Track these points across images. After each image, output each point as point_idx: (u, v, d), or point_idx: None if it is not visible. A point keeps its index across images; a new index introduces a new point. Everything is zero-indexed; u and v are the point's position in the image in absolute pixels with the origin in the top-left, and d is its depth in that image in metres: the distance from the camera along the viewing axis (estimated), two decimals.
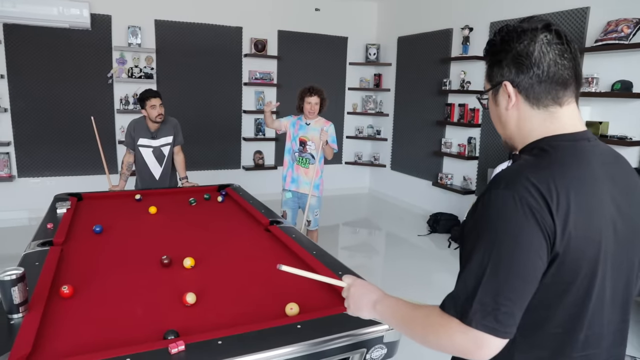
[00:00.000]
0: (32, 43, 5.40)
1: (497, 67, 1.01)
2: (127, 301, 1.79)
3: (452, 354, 0.92)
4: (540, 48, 0.95)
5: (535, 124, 0.99)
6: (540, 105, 0.98)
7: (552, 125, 0.98)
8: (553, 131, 0.97)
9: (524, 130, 1.01)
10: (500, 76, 1.01)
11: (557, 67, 0.95)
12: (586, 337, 0.95)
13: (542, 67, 0.95)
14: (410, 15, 6.62)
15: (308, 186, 4.06)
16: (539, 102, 0.98)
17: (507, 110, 1.02)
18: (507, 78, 0.99)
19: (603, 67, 4.06)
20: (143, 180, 4.00)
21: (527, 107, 0.99)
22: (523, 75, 0.97)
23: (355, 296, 1.17)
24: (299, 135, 4.06)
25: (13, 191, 5.61)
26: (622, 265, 0.97)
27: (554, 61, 0.95)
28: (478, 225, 0.92)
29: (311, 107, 3.95)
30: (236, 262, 2.25)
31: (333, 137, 4.03)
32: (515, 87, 0.99)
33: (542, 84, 0.96)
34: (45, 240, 2.35)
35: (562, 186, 0.88)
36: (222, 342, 1.41)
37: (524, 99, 0.99)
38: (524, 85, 0.98)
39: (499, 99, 1.03)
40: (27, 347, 1.35)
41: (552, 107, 0.98)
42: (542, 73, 0.95)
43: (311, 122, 4.04)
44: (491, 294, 0.86)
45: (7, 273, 1.53)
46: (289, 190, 4.15)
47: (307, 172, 4.08)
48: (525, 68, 0.96)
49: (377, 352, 1.61)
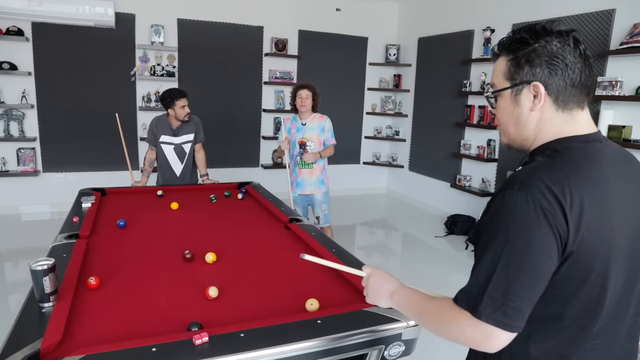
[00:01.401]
0: (58, 41, 5.53)
1: (528, 66, 0.99)
2: (151, 294, 1.83)
3: (463, 345, 0.97)
4: (571, 53, 0.96)
5: (554, 126, 1.01)
6: (566, 109, 0.99)
7: (569, 127, 1.00)
8: (568, 133, 0.99)
9: (543, 131, 1.02)
10: (530, 75, 0.99)
11: (584, 74, 0.97)
12: (599, 331, 0.98)
13: (576, 72, 0.96)
14: (431, 16, 6.60)
15: (313, 186, 4.07)
16: (565, 105, 0.99)
17: (531, 111, 1.02)
18: (538, 78, 0.99)
19: (628, 71, 4.01)
20: (164, 177, 4.07)
21: (551, 109, 1.00)
22: (557, 77, 0.97)
23: (374, 286, 1.24)
24: (297, 138, 4.04)
25: (38, 185, 5.76)
26: (635, 262, 1.00)
27: (581, 66, 0.97)
28: (491, 224, 0.95)
29: (302, 101, 3.95)
30: (257, 258, 2.28)
31: (331, 131, 4.00)
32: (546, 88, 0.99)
33: (574, 89, 0.98)
34: (72, 233, 2.41)
35: (576, 187, 0.90)
36: (244, 335, 1.44)
37: (552, 101, 1.00)
38: (555, 87, 0.98)
39: (522, 99, 1.02)
40: (58, 335, 1.40)
41: (575, 110, 1.00)
42: (575, 78, 0.97)
43: (307, 120, 4.02)
44: (501, 289, 0.90)
45: (39, 263, 1.59)
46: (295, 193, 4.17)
47: (312, 172, 4.06)
48: (560, 71, 0.97)
49: (395, 349, 1.62)
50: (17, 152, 5.58)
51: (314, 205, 4.16)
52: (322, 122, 4.02)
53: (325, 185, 4.14)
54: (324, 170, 4.14)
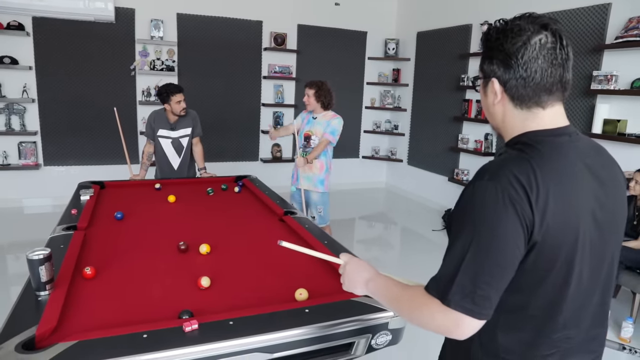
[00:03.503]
0: (58, 36, 5.57)
1: (488, 61, 1.04)
2: (145, 283, 1.88)
3: (435, 332, 0.99)
4: (531, 52, 0.96)
5: (517, 121, 1.03)
6: (524, 107, 1.02)
7: (533, 123, 1.02)
8: (533, 128, 1.01)
9: (508, 125, 1.05)
10: (490, 71, 1.03)
11: (543, 75, 0.97)
12: (565, 320, 1.00)
13: (530, 71, 0.97)
14: (430, 11, 6.61)
15: (309, 182, 4.01)
16: (522, 103, 1.01)
17: (493, 105, 1.06)
18: (495, 75, 1.02)
19: (623, 65, 4.02)
20: (162, 170, 4.11)
21: (510, 106, 1.03)
22: (510, 75, 1.00)
23: (350, 274, 1.26)
24: (304, 130, 4.05)
25: (39, 179, 5.81)
26: (602, 253, 1.02)
27: (541, 68, 0.97)
28: (462, 214, 0.98)
29: (306, 99, 3.98)
30: (250, 249, 2.33)
31: (332, 127, 3.89)
32: (502, 85, 1.02)
33: (526, 88, 0.99)
34: (70, 225, 2.46)
35: (542, 179, 0.92)
36: (233, 323, 1.49)
37: (509, 99, 1.03)
38: (510, 85, 1.01)
39: (488, 92, 1.07)
40: (53, 322, 1.45)
41: (534, 109, 1.01)
42: (528, 77, 0.98)
43: (318, 115, 4.01)
44: (469, 277, 0.93)
45: (35, 253, 1.64)
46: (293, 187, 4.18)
47: (311, 167, 3.97)
48: (513, 70, 0.99)
49: (382, 338, 1.66)
50: (19, 145, 5.63)
51: (309, 204, 4.09)
52: (329, 120, 3.93)
53: (325, 186, 4.04)
54: (326, 171, 4.03)
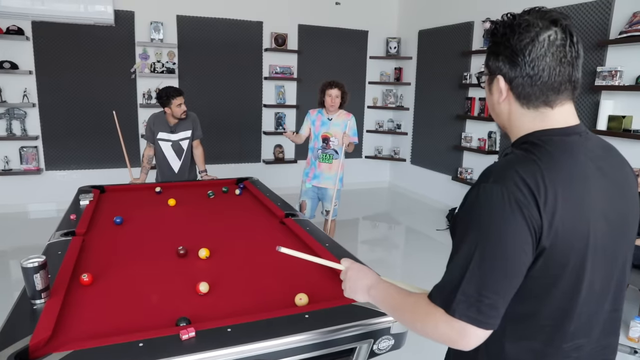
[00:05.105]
0: (58, 40, 5.55)
1: (494, 57, 0.99)
2: (143, 290, 1.85)
3: (439, 342, 0.94)
4: (539, 50, 0.91)
5: (524, 121, 0.98)
6: (530, 106, 0.97)
7: (542, 122, 0.97)
8: (542, 127, 0.96)
9: (514, 124, 1.01)
10: (496, 68, 0.98)
11: (551, 73, 0.92)
12: (576, 328, 0.95)
13: (537, 70, 0.92)
14: (431, 9, 6.56)
15: (330, 180, 4.09)
16: (528, 102, 0.96)
17: (499, 103, 1.01)
18: (501, 72, 0.97)
19: (628, 60, 3.96)
20: (162, 174, 4.09)
21: (517, 105, 0.98)
22: (515, 73, 0.95)
23: (351, 280, 1.20)
24: (321, 132, 4.06)
25: (41, 184, 5.80)
26: (614, 256, 0.97)
27: (549, 66, 0.92)
28: (467, 218, 0.92)
29: (332, 100, 3.96)
30: (250, 253, 2.29)
31: (354, 129, 4.03)
32: (507, 82, 0.97)
33: (533, 87, 0.94)
34: (68, 231, 2.44)
35: (551, 181, 0.87)
36: (231, 330, 1.46)
37: (515, 97, 0.98)
38: (515, 83, 0.96)
39: (493, 89, 1.02)
40: (48, 331, 1.42)
41: (542, 108, 0.96)
42: (535, 76, 0.93)
43: (333, 116, 4.04)
44: (475, 286, 0.87)
45: (29, 261, 1.61)
46: (309, 183, 4.19)
47: (331, 167, 4.08)
48: (519, 68, 0.94)
49: (384, 343, 1.63)
50: (20, 150, 5.62)
51: (324, 198, 4.18)
52: (346, 120, 4.02)
53: (342, 182, 4.18)
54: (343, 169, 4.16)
